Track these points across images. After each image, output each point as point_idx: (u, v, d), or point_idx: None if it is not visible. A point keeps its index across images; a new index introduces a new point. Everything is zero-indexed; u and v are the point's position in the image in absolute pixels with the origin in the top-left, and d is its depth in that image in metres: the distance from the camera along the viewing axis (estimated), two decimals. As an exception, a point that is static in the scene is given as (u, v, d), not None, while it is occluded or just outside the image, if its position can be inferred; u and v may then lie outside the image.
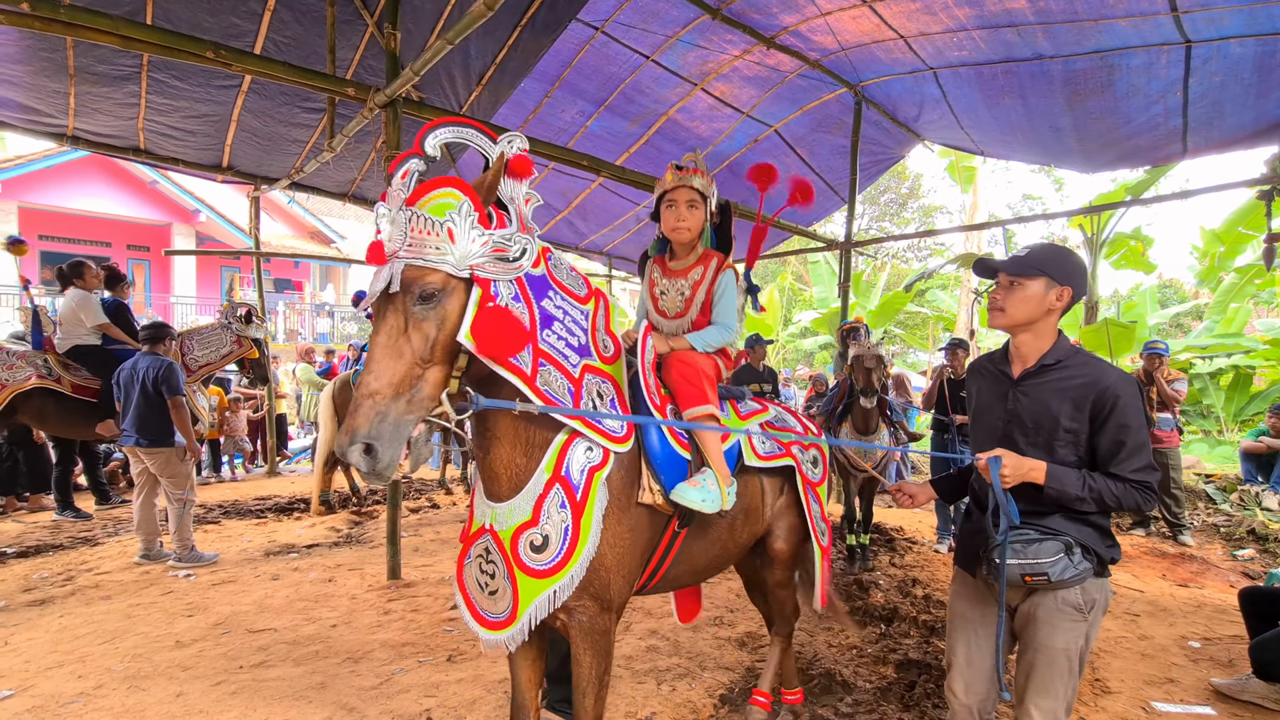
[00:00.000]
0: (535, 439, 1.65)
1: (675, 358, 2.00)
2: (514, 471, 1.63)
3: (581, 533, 1.62)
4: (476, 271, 1.44)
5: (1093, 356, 1.74)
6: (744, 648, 3.39)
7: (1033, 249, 1.74)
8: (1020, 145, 6.47)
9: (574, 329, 1.71)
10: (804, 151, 7.37)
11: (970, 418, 1.96)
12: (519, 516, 1.60)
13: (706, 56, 6.12)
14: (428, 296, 1.39)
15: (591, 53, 6.02)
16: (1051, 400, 1.69)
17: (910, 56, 5.69)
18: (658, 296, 2.20)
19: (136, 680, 2.77)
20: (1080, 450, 1.67)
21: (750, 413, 2.33)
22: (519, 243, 1.53)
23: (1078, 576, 1.62)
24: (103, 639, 3.17)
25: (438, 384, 1.43)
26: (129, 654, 3.01)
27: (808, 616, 3.81)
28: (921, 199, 22.88)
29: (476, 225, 1.43)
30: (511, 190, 1.57)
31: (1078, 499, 1.62)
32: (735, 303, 2.12)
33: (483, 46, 5.46)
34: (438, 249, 1.39)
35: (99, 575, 4.13)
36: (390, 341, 1.39)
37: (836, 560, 5.06)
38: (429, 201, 1.42)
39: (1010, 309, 1.72)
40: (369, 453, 1.32)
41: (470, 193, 1.44)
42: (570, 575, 1.60)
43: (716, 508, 1.83)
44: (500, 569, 1.63)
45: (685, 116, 6.87)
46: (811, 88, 6.56)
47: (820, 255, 14.09)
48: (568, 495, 1.62)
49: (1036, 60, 5.16)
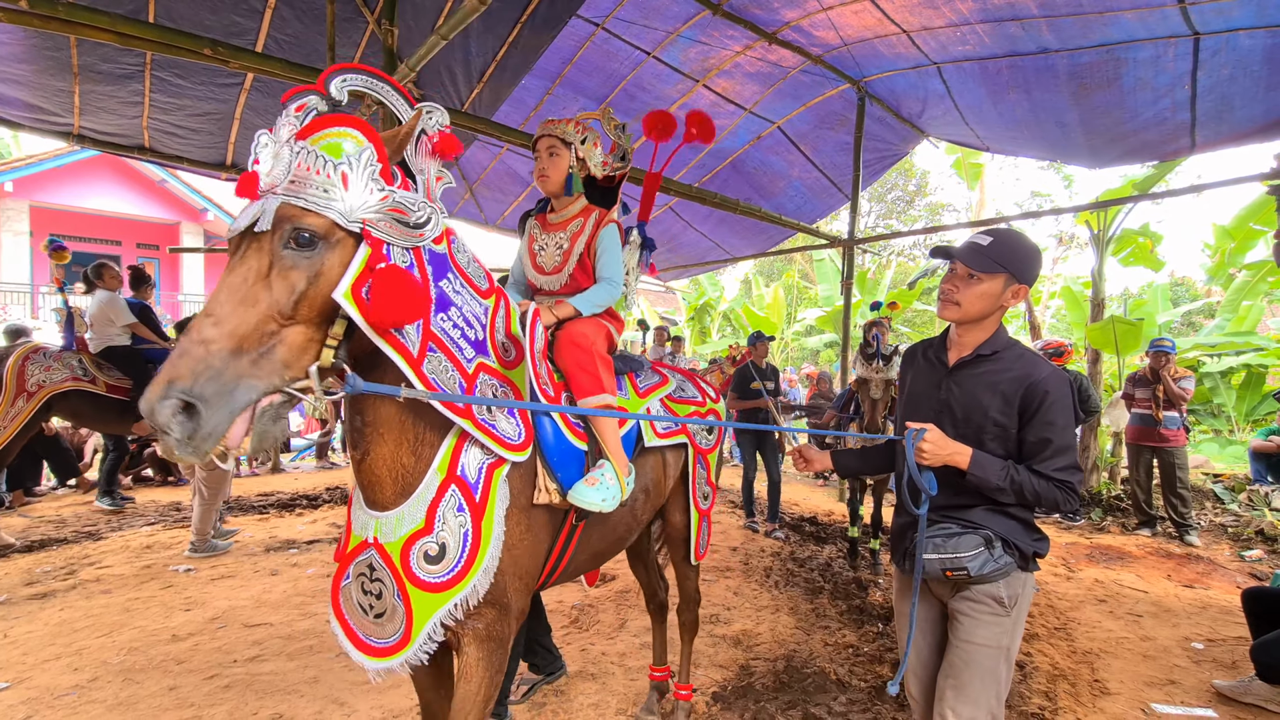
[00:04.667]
0: (424, 436, 1.46)
1: (566, 338, 1.85)
2: (401, 474, 1.44)
3: (483, 537, 1.47)
4: (369, 228, 1.24)
5: (1028, 350, 1.69)
6: (739, 646, 3.37)
7: (995, 239, 1.63)
8: (1026, 141, 6.40)
9: (472, 321, 1.54)
10: (807, 148, 7.33)
11: (902, 405, 1.88)
12: (409, 525, 1.42)
13: (708, 53, 6.09)
14: (304, 241, 1.18)
15: (592, 49, 6.00)
16: (982, 392, 1.65)
17: (913, 51, 5.64)
18: (536, 253, 2.09)
19: (131, 673, 2.78)
20: (1008, 445, 1.63)
21: (650, 387, 2.21)
22: (423, 209, 1.34)
23: (999, 571, 1.58)
24: (100, 632, 3.20)
25: (297, 349, 1.19)
26: (125, 647, 3.03)
27: (801, 616, 3.79)
28: (929, 196, 22.71)
29: (377, 178, 1.25)
30: (423, 164, 1.41)
31: (998, 489, 1.57)
32: (620, 257, 2.04)
33: (483, 44, 5.46)
34: (325, 191, 1.20)
35: (101, 569, 4.17)
36: (243, 284, 1.15)
37: (836, 559, 5.03)
38: (324, 138, 1.23)
39: (966, 304, 1.65)
40: (187, 412, 1.05)
41: (375, 139, 1.25)
42: (473, 584, 1.44)
43: (616, 503, 1.72)
44: (389, 586, 1.44)
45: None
46: (814, 84, 6.52)
47: (825, 253, 14.03)
48: (465, 497, 1.46)
49: (1041, 54, 5.10)
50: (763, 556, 5.04)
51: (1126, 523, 6.22)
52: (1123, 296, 13.46)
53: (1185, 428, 5.74)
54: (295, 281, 1.17)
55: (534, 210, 2.18)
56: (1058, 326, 14.57)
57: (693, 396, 2.37)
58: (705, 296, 16.29)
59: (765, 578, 4.52)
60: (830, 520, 6.37)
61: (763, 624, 3.69)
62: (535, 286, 2.10)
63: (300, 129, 1.25)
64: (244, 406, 1.12)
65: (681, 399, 2.32)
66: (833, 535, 5.78)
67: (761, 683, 2.95)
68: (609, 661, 3.10)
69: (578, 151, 2.02)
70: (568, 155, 2.02)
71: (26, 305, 13.19)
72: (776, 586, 4.35)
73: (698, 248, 9.22)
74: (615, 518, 1.92)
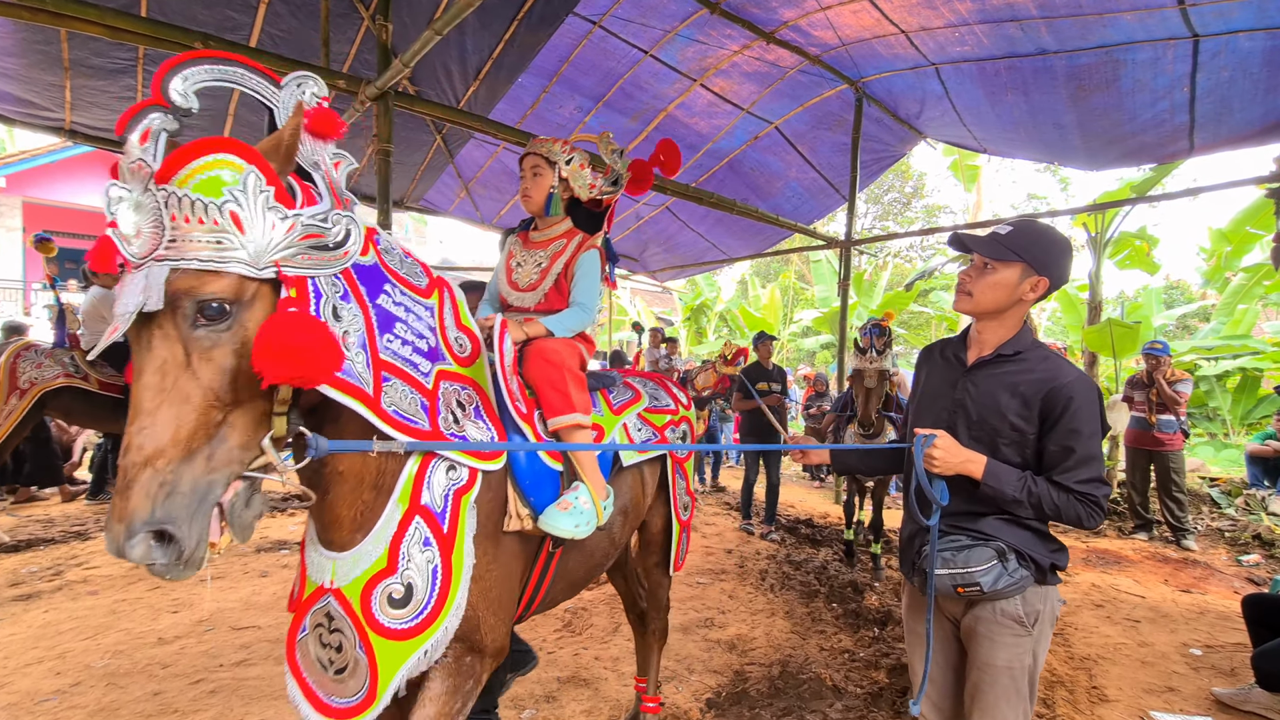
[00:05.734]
0: (386, 466, 1.32)
1: (536, 353, 1.74)
2: (360, 510, 1.29)
3: (454, 571, 1.32)
4: (284, 268, 1.05)
5: (1053, 353, 1.59)
6: (733, 651, 3.34)
7: (1016, 228, 1.55)
8: (1023, 142, 6.39)
9: (421, 329, 1.38)
10: (805, 149, 7.30)
11: (914, 404, 1.78)
12: (367, 564, 1.27)
13: (705, 52, 6.06)
14: (214, 313, 0.99)
15: (589, 47, 5.96)
16: (1001, 394, 1.54)
17: (911, 52, 5.61)
18: (513, 268, 2.02)
19: (115, 678, 2.73)
20: (1026, 453, 1.53)
21: (624, 403, 2.12)
22: (339, 223, 1.12)
23: (1015, 586, 1.48)
24: (85, 635, 3.14)
25: (250, 429, 1.06)
26: (110, 650, 2.98)
27: (797, 620, 3.76)
28: (925, 198, 22.76)
29: (275, 204, 1.03)
30: (314, 152, 1.15)
31: (1014, 501, 1.47)
32: (597, 285, 1.96)
33: (479, 41, 5.41)
34: (218, 243, 0.98)
35: (88, 570, 4.11)
36: (165, 381, 0.99)
37: (832, 562, 4.99)
38: (194, 174, 0.97)
39: (979, 294, 1.56)
40: (162, 540, 0.95)
41: (256, 159, 1.01)
42: (445, 627, 1.29)
43: (592, 529, 1.61)
44: (350, 637, 1.27)
45: (684, 113, 6.81)
46: (812, 84, 6.49)
47: (822, 254, 14.01)
48: (431, 527, 1.31)
49: (1040, 55, 5.08)
50: (758, 559, 5.01)
51: (1123, 526, 6.21)
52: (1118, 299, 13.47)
53: (1184, 432, 5.72)
54: (222, 361, 1.01)
55: (517, 228, 2.12)
56: (1053, 329, 14.59)
57: (666, 405, 2.29)
58: (702, 297, 16.28)
59: (761, 581, 4.48)
60: (826, 522, 6.34)
61: (758, 628, 3.65)
62: (507, 303, 2.03)
63: (158, 169, 0.98)
64: (214, 505, 1.03)
65: (656, 409, 2.23)
66: (829, 538, 5.75)
67: (756, 689, 2.91)
68: (602, 667, 3.06)
69: (561, 171, 1.94)
70: (551, 175, 1.94)
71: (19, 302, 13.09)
72: (772, 590, 4.32)
73: (694, 248, 9.19)
74: (594, 542, 1.84)
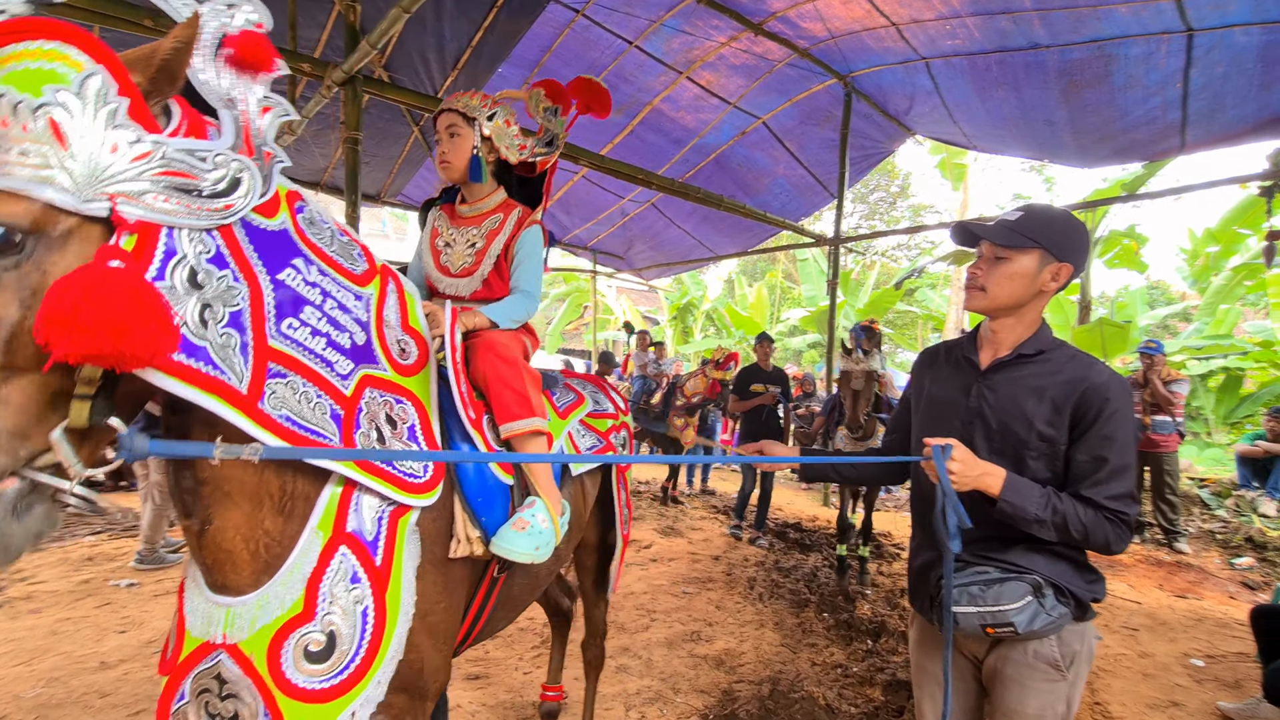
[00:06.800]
0: (294, 486, 1.06)
1: (486, 348, 1.50)
2: (262, 543, 1.03)
3: (389, 613, 1.09)
4: (123, 206, 0.81)
5: (1080, 350, 1.42)
6: (721, 667, 3.17)
7: (1026, 212, 1.38)
8: (1013, 139, 6.29)
9: (343, 320, 1.13)
10: (793, 145, 7.17)
11: (920, 415, 1.57)
12: (277, 611, 1.03)
13: (692, 43, 5.89)
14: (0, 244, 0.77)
15: (572, 37, 5.78)
16: (1025, 399, 1.36)
17: (901, 45, 5.49)
18: (440, 249, 1.74)
19: (46, 710, 2.50)
20: (1057, 465, 1.34)
21: (569, 406, 1.90)
22: (222, 166, 0.90)
23: (1052, 625, 1.29)
24: (20, 660, 2.90)
25: (31, 411, 0.80)
26: (45, 677, 2.74)
27: (787, 632, 3.60)
28: (911, 198, 22.83)
29: (126, 120, 0.81)
30: (233, 88, 0.94)
31: (1036, 521, 1.27)
32: (540, 267, 1.72)
33: (457, 27, 5.20)
34: (23, 154, 0.76)
35: (33, 585, 3.85)
36: None
37: (823, 568, 4.85)
38: (9, 61, 0.75)
39: (993, 288, 1.38)
40: None
41: (107, 58, 0.79)
42: (377, 679, 1.07)
43: (551, 550, 1.40)
44: (250, 704, 1.02)
45: (670, 106, 6.64)
46: (800, 78, 6.35)
47: (809, 253, 13.93)
48: (362, 561, 1.08)
49: (1032, 50, 4.97)
50: (746, 566, 4.85)
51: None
52: (1100, 299, 13.53)
53: (1179, 433, 5.65)
54: (1, 310, 0.76)
55: (438, 199, 1.84)
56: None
57: (607, 410, 2.09)
58: (688, 295, 16.15)
59: (749, 589, 4.32)
60: (815, 526, 6.20)
61: (746, 641, 3.49)
62: (436, 290, 1.75)
63: None
64: None
65: (598, 413, 2.03)
66: (818, 543, 5.61)
67: (746, 710, 2.74)
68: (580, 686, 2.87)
69: (482, 129, 1.65)
70: (471, 134, 1.65)
71: None
72: (761, 599, 4.16)
73: (680, 245, 9.03)
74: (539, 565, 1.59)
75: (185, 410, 0.95)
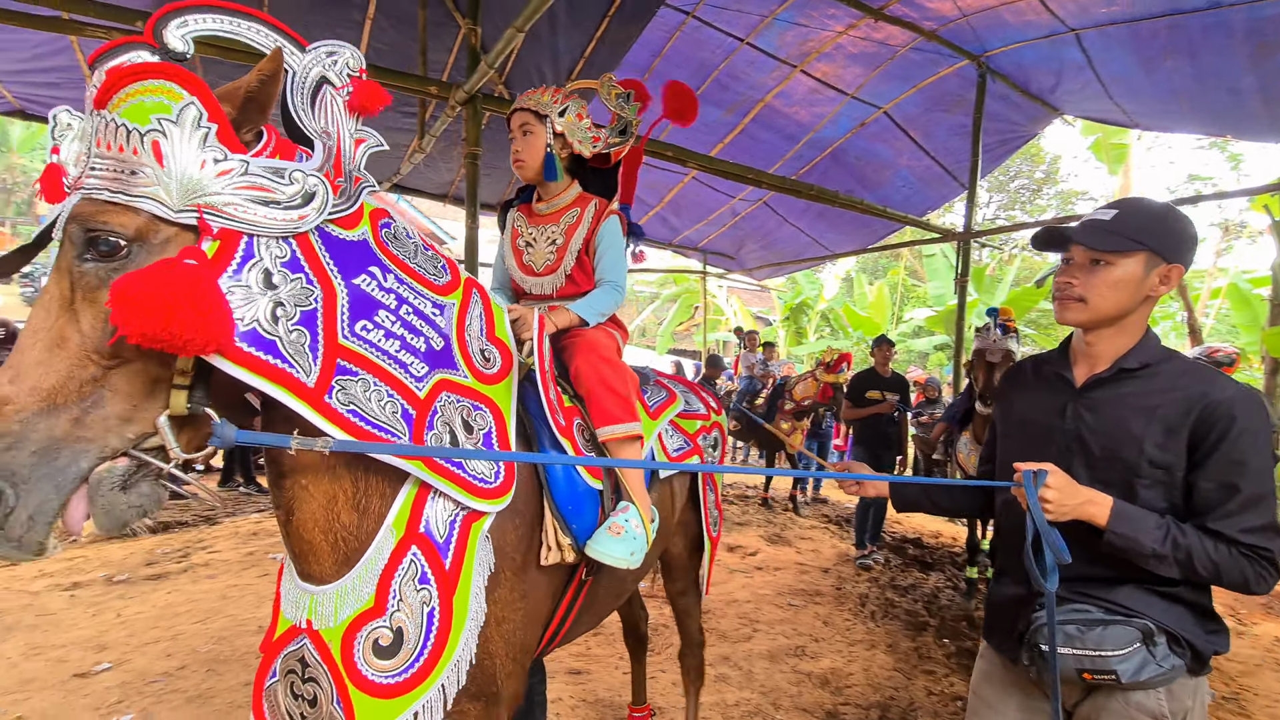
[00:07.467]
0: (370, 484, 1.12)
1: (585, 348, 1.49)
2: (339, 536, 1.10)
3: (456, 617, 1.12)
4: (210, 216, 0.92)
5: (1195, 363, 1.26)
6: (826, 686, 3.03)
7: (1122, 210, 1.23)
8: (1186, 114, 5.49)
9: (421, 326, 1.18)
10: (917, 134, 6.72)
11: (1008, 440, 1.45)
12: (354, 604, 1.08)
13: (806, 35, 5.69)
14: (107, 249, 0.88)
15: (682, 39, 5.78)
16: (1132, 420, 1.21)
17: (1046, 18, 4.96)
18: (521, 249, 1.76)
19: (215, 664, 2.88)
20: (1174, 494, 1.19)
21: (660, 405, 1.86)
22: (299, 181, 0.98)
23: (1162, 677, 1.14)
24: (197, 618, 3.37)
25: (135, 398, 0.91)
26: (216, 636, 3.16)
27: (901, 655, 3.37)
28: (1059, 184, 20.61)
29: (214, 143, 0.91)
30: (330, 122, 1.05)
31: (1154, 557, 1.12)
32: (624, 257, 1.71)
33: (571, 40, 5.38)
34: (131, 173, 0.88)
35: (211, 554, 4.45)
36: (46, 319, 0.89)
37: (945, 589, 4.50)
38: (127, 99, 0.88)
39: (1095, 299, 1.23)
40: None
41: (200, 91, 0.90)
42: (440, 684, 1.10)
43: (643, 555, 1.39)
44: (326, 689, 1.09)
45: (783, 102, 6.46)
46: (927, 62, 5.93)
47: (936, 248, 13.00)
48: (431, 563, 1.11)
49: (1211, 10, 4.30)
50: (858, 582, 4.61)
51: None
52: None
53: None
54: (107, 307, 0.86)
55: (515, 200, 1.87)
56: (1220, 329, 12.67)
57: (698, 410, 2.07)
58: (802, 295, 15.65)
59: (860, 606, 4.11)
60: (938, 543, 5.78)
61: (855, 662, 3.32)
62: (523, 290, 1.79)
63: (96, 93, 0.90)
64: (77, 478, 0.88)
65: (688, 414, 2.01)
66: (941, 560, 5.23)
67: (851, 735, 2.61)
68: (678, 694, 2.86)
69: (554, 125, 1.65)
70: (543, 132, 1.65)
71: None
72: (873, 618, 3.94)
73: (794, 244, 8.76)
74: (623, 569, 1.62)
75: (273, 407, 1.04)
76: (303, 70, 1.03)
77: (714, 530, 2.09)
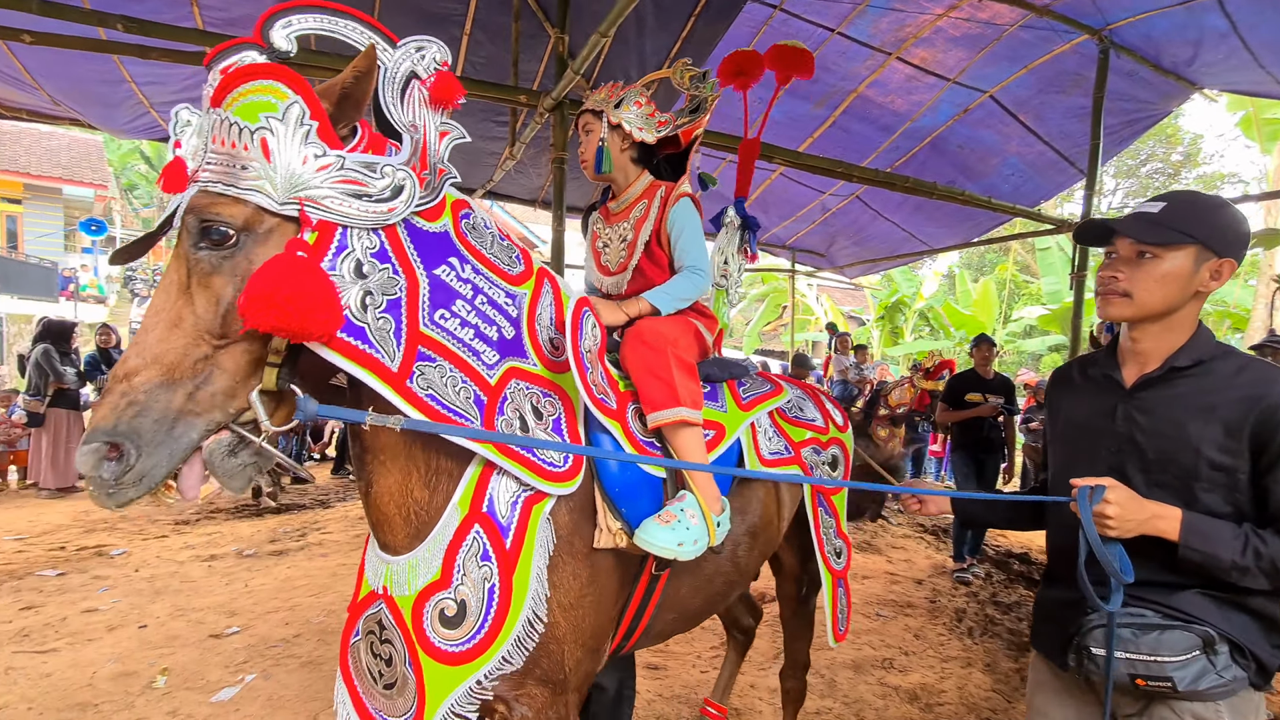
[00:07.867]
0: (439, 464, 1.18)
1: (633, 336, 1.47)
2: (412, 510, 1.17)
3: (515, 594, 1.17)
4: (309, 208, 0.98)
5: (1253, 358, 1.21)
6: (915, 702, 2.89)
7: (1171, 202, 1.19)
8: (1359, 80, 4.78)
9: (494, 315, 1.23)
10: (1028, 118, 6.25)
11: (1057, 446, 1.39)
12: (424, 575, 1.16)
13: (902, 20, 5.44)
14: (218, 238, 0.97)
15: (770, 33, 5.66)
16: (1189, 420, 1.15)
17: (1180, -18, 4.47)
18: (600, 250, 1.75)
19: (325, 634, 3.15)
20: (1238, 498, 1.13)
21: (755, 398, 1.76)
22: (389, 175, 1.04)
23: (1222, 688, 1.08)
24: (312, 592, 3.69)
25: (238, 376, 0.99)
26: (327, 609, 3.45)
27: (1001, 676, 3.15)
28: (1200, 167, 18.47)
29: (314, 140, 0.98)
30: (417, 117, 1.11)
31: (1234, 568, 1.07)
32: (701, 239, 1.62)
33: (657, 42, 5.42)
34: (242, 168, 0.96)
35: (324, 534, 4.86)
36: (166, 301, 0.98)
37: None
38: (239, 98, 0.96)
39: (1142, 293, 1.19)
40: (120, 454, 0.91)
41: (304, 91, 0.98)
42: (500, 655, 1.15)
43: (702, 549, 1.34)
44: (399, 651, 1.18)
45: (877, 92, 6.21)
46: (1039, 40, 5.51)
47: (1051, 240, 12.01)
48: (492, 540, 1.17)
49: (1391, -43, 3.72)
50: (955, 595, 4.36)
51: None
52: None
53: None
54: (219, 290, 0.97)
55: (598, 203, 1.85)
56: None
57: (811, 420, 1.92)
58: (899, 293, 14.93)
59: (956, 622, 3.88)
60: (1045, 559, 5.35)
61: (949, 679, 3.14)
62: (602, 292, 1.78)
63: (213, 92, 0.98)
64: (188, 448, 0.97)
65: (797, 419, 1.88)
66: (1050, 579, 4.83)
67: (941, 756, 2.47)
68: (756, 696, 2.83)
69: (609, 118, 1.63)
70: (599, 128, 1.64)
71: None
72: (970, 634, 3.71)
73: (889, 239, 8.38)
74: (711, 567, 1.57)
75: (358, 388, 1.12)
76: (394, 65, 1.08)
77: (835, 563, 1.92)
